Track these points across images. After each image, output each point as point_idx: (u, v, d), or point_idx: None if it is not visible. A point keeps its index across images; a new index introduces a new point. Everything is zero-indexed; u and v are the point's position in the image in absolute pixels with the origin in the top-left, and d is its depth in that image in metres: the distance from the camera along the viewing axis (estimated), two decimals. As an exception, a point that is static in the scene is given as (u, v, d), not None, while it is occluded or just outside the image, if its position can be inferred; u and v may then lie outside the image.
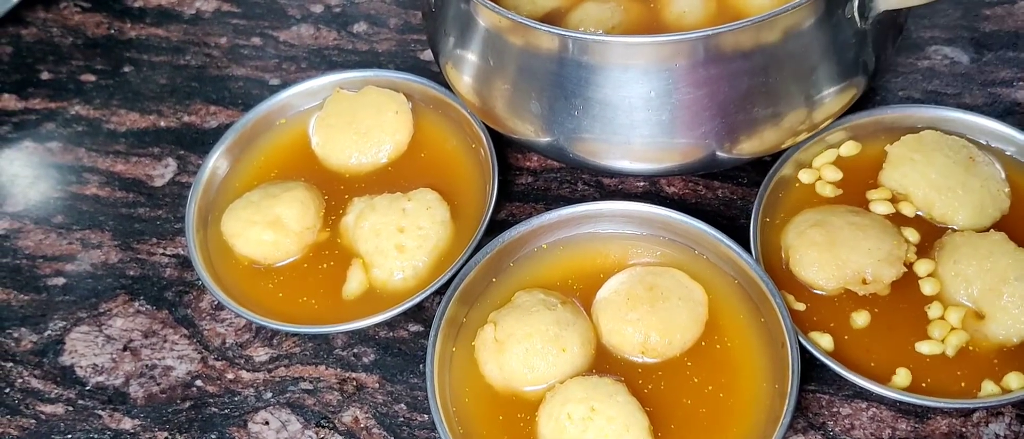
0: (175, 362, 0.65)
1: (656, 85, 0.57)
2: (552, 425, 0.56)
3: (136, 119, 0.78)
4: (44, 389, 0.65)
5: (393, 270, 0.64)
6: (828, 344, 0.58)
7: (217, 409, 0.63)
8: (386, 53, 0.79)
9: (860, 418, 0.58)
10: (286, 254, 0.66)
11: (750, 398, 0.57)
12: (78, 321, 0.68)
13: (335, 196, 0.69)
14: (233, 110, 0.77)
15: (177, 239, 0.71)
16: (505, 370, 0.59)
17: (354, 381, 0.63)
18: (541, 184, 0.70)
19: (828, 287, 0.60)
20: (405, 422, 0.61)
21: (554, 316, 0.59)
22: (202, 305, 0.67)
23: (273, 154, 0.72)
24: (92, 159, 0.76)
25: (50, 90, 0.81)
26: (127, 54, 0.82)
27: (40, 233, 0.73)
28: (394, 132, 0.70)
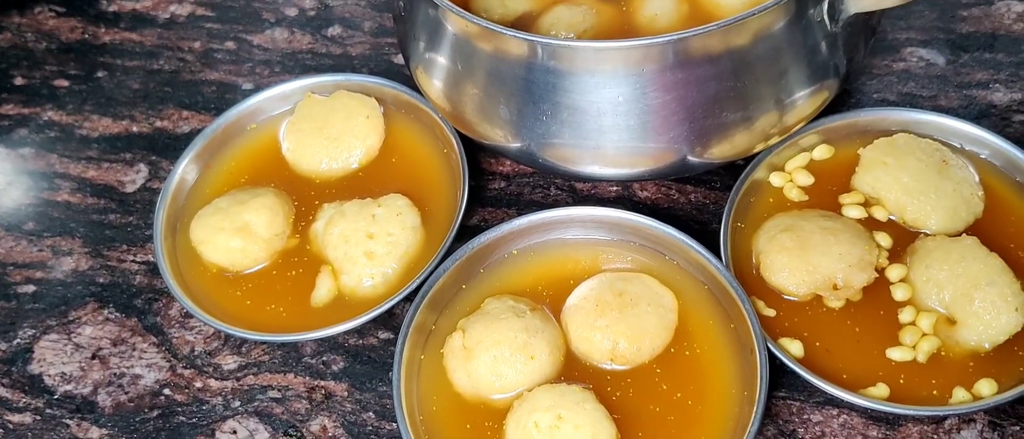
0: (144, 370, 0.65)
1: (625, 90, 0.56)
2: (519, 433, 0.55)
3: (109, 125, 0.78)
4: (12, 398, 0.65)
5: (362, 277, 0.63)
6: (798, 350, 0.57)
7: (185, 418, 0.62)
8: (360, 57, 0.79)
9: (831, 425, 0.57)
10: (255, 261, 0.65)
11: (719, 405, 0.56)
12: (47, 329, 0.67)
13: (305, 202, 0.68)
14: (205, 115, 0.77)
15: (147, 246, 0.70)
16: (473, 378, 0.58)
17: (323, 389, 0.62)
18: (513, 189, 0.70)
19: (799, 292, 0.59)
20: (373, 431, 0.60)
21: (523, 323, 0.58)
22: (171, 313, 0.67)
23: (243, 159, 0.71)
24: (64, 165, 0.76)
25: (23, 96, 0.81)
26: (101, 59, 0.82)
27: (11, 240, 0.72)
28: (365, 137, 0.69)
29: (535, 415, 0.55)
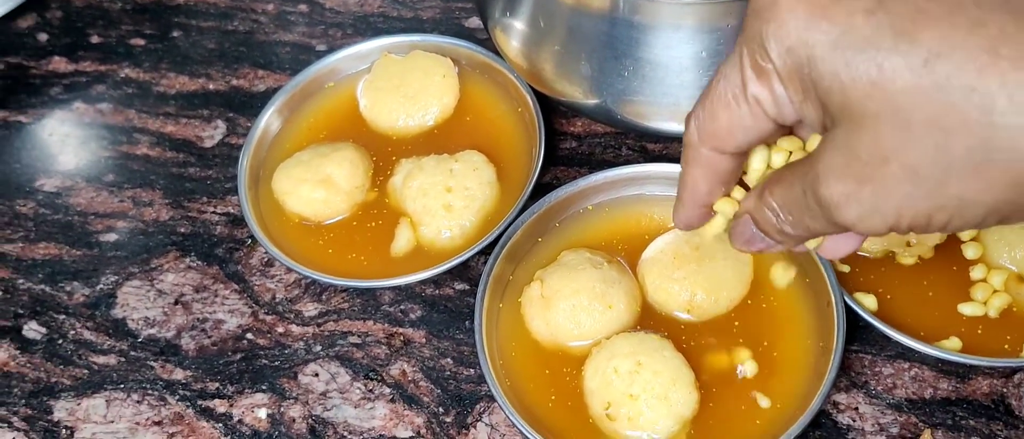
0: (226, 316, 0.66)
1: (708, 45, 0.58)
2: (598, 378, 0.57)
3: (185, 82, 0.80)
4: (96, 341, 0.67)
5: (441, 229, 0.65)
6: (872, 304, 0.59)
7: (268, 361, 0.64)
8: (430, 20, 0.80)
9: (902, 378, 0.59)
10: (336, 212, 0.67)
11: (794, 356, 0.58)
12: (130, 276, 0.69)
13: (382, 157, 0.70)
14: (280, 74, 0.79)
15: (227, 198, 0.72)
16: (552, 325, 0.60)
17: (401, 336, 0.64)
18: (585, 148, 0.71)
19: (872, 249, 0.60)
20: (452, 376, 0.62)
21: (600, 274, 0.60)
22: (252, 262, 0.69)
23: (322, 116, 0.73)
24: (142, 120, 0.78)
25: (100, 53, 0.83)
26: (175, 19, 0.84)
27: (91, 191, 0.74)
28: (441, 96, 0.71)
29: (614, 361, 0.57)
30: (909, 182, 0.34)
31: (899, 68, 0.33)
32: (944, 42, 0.32)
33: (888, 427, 0.57)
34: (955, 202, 0.34)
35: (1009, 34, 0.32)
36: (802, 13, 0.35)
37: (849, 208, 0.36)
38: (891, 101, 0.33)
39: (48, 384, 0.65)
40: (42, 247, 0.71)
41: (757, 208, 0.42)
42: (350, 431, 0.61)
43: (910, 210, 0.35)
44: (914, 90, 0.32)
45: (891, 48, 0.33)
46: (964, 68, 0.32)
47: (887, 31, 0.33)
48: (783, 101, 0.37)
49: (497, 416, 0.60)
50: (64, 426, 0.63)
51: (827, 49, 0.34)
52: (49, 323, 0.68)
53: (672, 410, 0.55)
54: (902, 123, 0.33)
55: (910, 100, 0.33)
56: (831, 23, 0.34)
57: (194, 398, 0.63)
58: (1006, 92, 0.31)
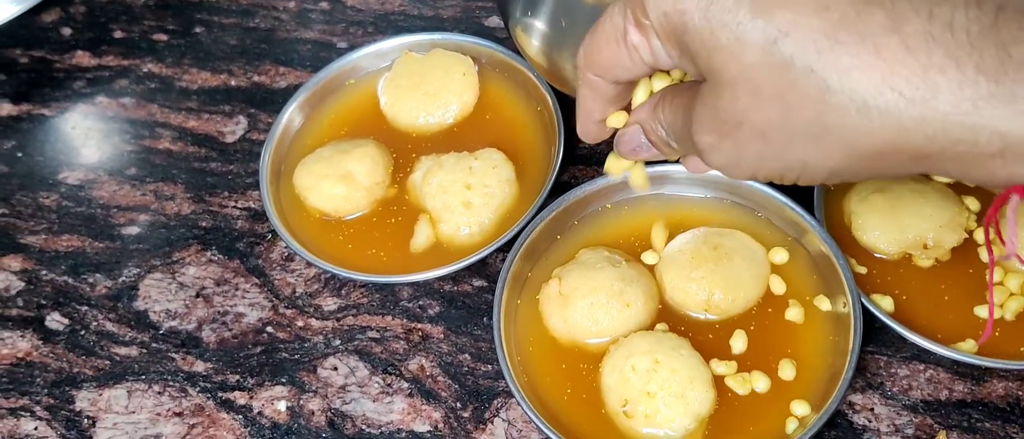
0: (246, 309, 0.67)
1: (728, 47, 0.58)
2: (616, 375, 0.57)
3: (207, 78, 0.80)
4: (118, 332, 0.67)
5: (460, 226, 0.65)
6: (889, 306, 0.59)
7: (287, 354, 0.65)
8: (451, 19, 0.81)
9: (918, 379, 0.59)
10: (356, 208, 0.68)
11: (811, 357, 0.58)
12: (152, 269, 0.70)
13: (403, 154, 0.70)
14: (302, 71, 0.79)
15: (248, 193, 0.73)
16: (569, 323, 0.60)
17: (420, 331, 0.65)
18: (603, 147, 0.72)
19: (890, 252, 0.61)
20: (470, 371, 0.63)
21: (619, 272, 0.61)
22: (272, 256, 0.69)
23: (343, 113, 0.73)
24: (165, 115, 0.79)
25: (123, 48, 0.83)
26: (197, 16, 0.85)
27: (114, 184, 0.75)
28: (461, 94, 0.72)
29: (632, 359, 0.57)
30: (760, 143, 0.38)
31: (753, 43, 0.36)
32: (792, 23, 0.35)
33: (903, 428, 0.58)
34: (800, 164, 0.38)
35: (849, 21, 0.34)
36: None
37: (714, 155, 0.40)
38: (745, 71, 0.36)
39: (70, 374, 0.66)
40: (65, 239, 0.72)
41: (648, 121, 0.45)
42: (368, 424, 0.61)
43: (763, 166, 0.39)
44: (764, 65, 0.36)
45: (748, 23, 0.36)
46: (806, 49, 0.35)
47: (746, 7, 0.36)
48: (660, 53, 0.41)
49: (514, 412, 0.61)
50: (86, 416, 0.64)
51: (696, 17, 0.37)
52: (72, 314, 0.68)
53: (689, 408, 0.56)
54: (754, 92, 0.36)
55: (760, 73, 0.36)
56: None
57: (215, 390, 0.64)
58: (837, 75, 0.34)
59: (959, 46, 0.33)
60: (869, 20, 0.34)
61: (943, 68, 0.33)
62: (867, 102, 0.34)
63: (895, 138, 0.35)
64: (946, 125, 0.33)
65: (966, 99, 0.33)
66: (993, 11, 0.33)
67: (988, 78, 0.33)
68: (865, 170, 0.37)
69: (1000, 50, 0.33)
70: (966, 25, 0.33)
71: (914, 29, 0.34)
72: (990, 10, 0.33)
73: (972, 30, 0.33)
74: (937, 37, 0.33)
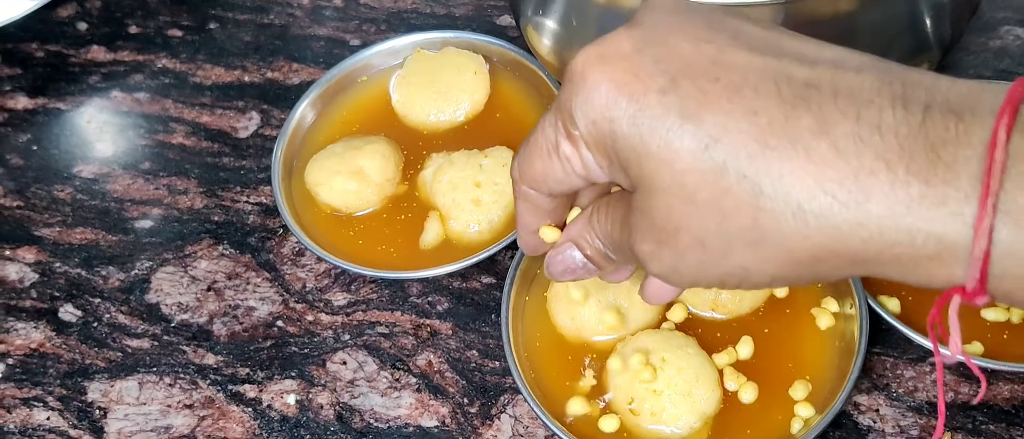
0: (257, 303, 0.68)
1: (737, 48, 0.58)
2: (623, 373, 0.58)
3: (221, 73, 0.81)
4: (130, 324, 0.68)
5: (469, 223, 0.66)
6: (895, 307, 0.59)
7: (297, 348, 0.65)
8: (463, 17, 0.81)
9: (923, 381, 0.59)
10: (367, 204, 0.68)
11: (817, 357, 0.58)
12: (164, 262, 0.71)
13: (413, 151, 0.71)
14: (315, 68, 0.80)
15: (260, 188, 0.74)
16: (577, 320, 0.61)
17: (428, 327, 0.65)
18: (613, 147, 0.72)
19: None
20: (477, 367, 0.63)
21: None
22: (284, 251, 0.70)
23: (355, 110, 0.74)
24: (178, 110, 0.79)
25: (138, 43, 0.84)
26: (212, 12, 0.85)
27: (128, 178, 0.76)
28: (472, 92, 0.72)
29: (639, 356, 0.58)
30: (698, 250, 0.37)
31: (684, 149, 0.35)
32: (722, 128, 0.34)
33: (909, 429, 0.58)
34: (740, 270, 0.37)
35: (777, 125, 0.34)
36: (605, 89, 0.37)
37: (654, 264, 0.39)
38: (677, 178, 0.36)
39: (82, 366, 0.66)
40: (79, 232, 0.73)
41: (583, 235, 0.45)
42: (376, 419, 0.62)
43: (703, 274, 0.38)
44: (696, 171, 0.35)
45: (678, 129, 0.35)
46: (738, 155, 0.34)
47: (675, 113, 0.35)
48: (591, 165, 0.40)
49: (521, 408, 0.61)
50: (98, 407, 0.64)
51: (625, 125, 0.36)
52: (84, 306, 0.69)
53: (695, 407, 0.56)
54: (688, 199, 0.36)
55: (693, 179, 0.35)
56: (629, 100, 0.36)
57: (225, 383, 0.64)
58: (770, 180, 0.34)
59: (888, 148, 0.33)
60: (797, 124, 0.34)
61: (874, 171, 0.33)
62: (802, 206, 0.34)
63: (832, 243, 0.34)
64: (881, 228, 0.33)
65: (899, 201, 0.33)
66: (920, 111, 0.33)
67: (919, 179, 0.32)
68: (806, 275, 0.36)
69: (929, 152, 0.32)
70: (894, 126, 0.33)
71: (843, 131, 0.33)
72: (917, 111, 0.33)
73: (900, 131, 0.33)
74: (866, 139, 0.33)
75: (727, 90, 0.35)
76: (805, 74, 0.35)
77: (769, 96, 0.34)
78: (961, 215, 0.32)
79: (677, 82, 0.36)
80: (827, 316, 0.59)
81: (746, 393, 0.57)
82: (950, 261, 0.33)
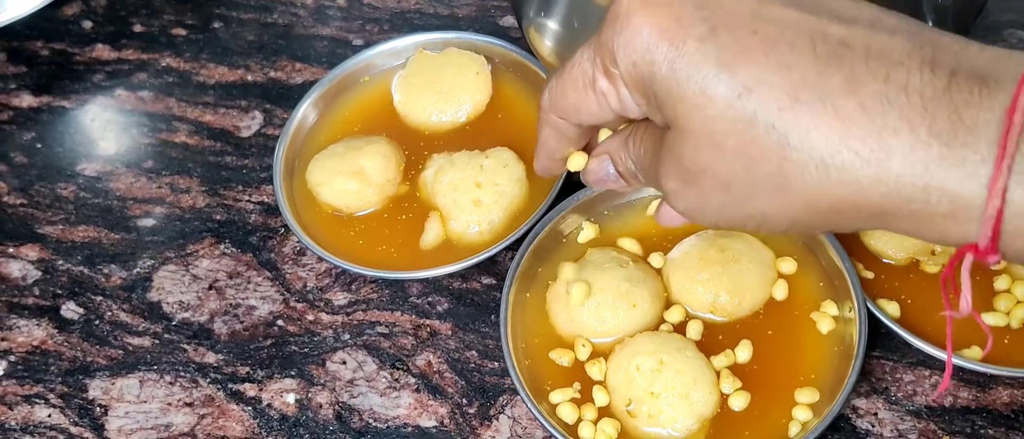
0: (258, 302, 0.68)
1: (737, 50, 0.58)
2: (620, 375, 0.58)
3: (224, 73, 0.81)
4: (132, 322, 0.68)
5: (470, 223, 0.66)
6: (895, 311, 0.59)
7: (297, 347, 0.65)
8: (466, 18, 0.81)
9: (922, 385, 0.59)
10: (367, 204, 0.68)
11: (816, 360, 0.58)
12: (166, 260, 0.71)
13: (415, 152, 0.71)
14: (318, 67, 0.80)
15: (262, 187, 0.74)
16: (575, 322, 0.61)
17: (428, 327, 0.65)
18: (615, 149, 0.72)
19: (897, 257, 0.61)
20: (476, 368, 0.63)
21: (625, 273, 0.61)
22: (285, 250, 0.70)
23: (357, 110, 0.74)
24: (182, 109, 0.80)
25: (142, 42, 0.84)
26: (216, 11, 0.86)
27: (131, 176, 0.76)
28: (474, 92, 0.72)
29: (637, 359, 0.58)
30: (722, 192, 0.39)
31: (717, 97, 0.36)
32: (756, 80, 0.36)
33: (907, 433, 0.58)
34: (760, 214, 0.39)
35: (809, 81, 0.35)
36: (648, 32, 0.38)
37: (678, 201, 0.41)
38: (708, 124, 0.37)
39: (84, 363, 0.67)
40: (82, 230, 0.73)
41: (618, 151, 0.46)
42: (375, 418, 0.62)
43: (725, 214, 0.40)
44: (727, 118, 0.36)
45: (713, 77, 0.36)
46: (768, 106, 0.36)
47: (712, 61, 0.36)
48: (627, 101, 0.41)
49: (519, 409, 0.61)
50: (98, 404, 0.65)
51: (664, 68, 0.37)
52: (86, 304, 0.69)
53: (693, 409, 0.56)
54: (716, 144, 0.37)
55: (723, 126, 0.37)
56: (670, 45, 0.37)
57: (225, 381, 0.65)
58: (797, 133, 0.35)
59: (913, 109, 0.34)
60: (828, 81, 0.35)
61: (897, 130, 0.34)
62: (825, 160, 0.35)
63: (852, 195, 0.35)
64: (899, 185, 0.34)
65: (919, 161, 0.34)
66: (946, 76, 0.34)
67: (940, 141, 0.34)
68: (824, 223, 0.38)
69: (952, 114, 0.34)
70: (920, 88, 0.34)
71: (870, 91, 0.35)
72: (943, 74, 0.34)
73: (925, 93, 0.34)
74: (892, 100, 0.34)
75: (764, 43, 0.36)
76: (841, 32, 0.36)
77: (804, 52, 0.36)
78: (977, 176, 0.33)
79: (716, 31, 0.37)
80: (827, 320, 0.59)
81: (737, 400, 0.57)
82: (965, 219, 0.34)
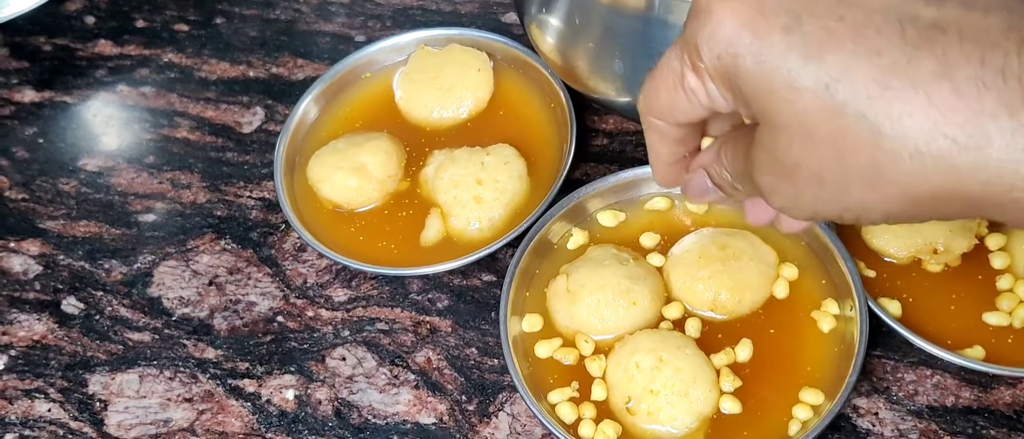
0: (258, 298, 0.68)
1: (739, 47, 0.58)
2: (620, 372, 0.58)
3: (226, 68, 0.81)
4: (132, 317, 0.68)
5: (470, 220, 0.66)
6: (896, 310, 0.59)
7: (297, 344, 0.65)
8: (468, 15, 0.81)
9: (924, 384, 0.59)
10: (368, 200, 0.68)
11: (817, 358, 0.58)
12: (166, 256, 0.71)
13: (416, 148, 0.71)
14: (320, 64, 0.80)
15: (263, 183, 0.74)
16: (576, 319, 0.60)
17: (428, 324, 0.65)
18: (616, 146, 0.72)
19: (899, 255, 0.61)
20: (475, 365, 0.63)
21: (626, 270, 0.61)
22: (285, 246, 0.70)
23: (358, 106, 0.74)
24: (183, 105, 0.79)
25: (144, 38, 0.84)
26: (219, 6, 0.85)
27: (132, 172, 0.76)
28: (476, 89, 0.72)
29: (636, 357, 0.57)
30: (816, 185, 0.38)
31: (805, 88, 0.35)
32: (844, 68, 0.35)
33: (908, 433, 0.57)
34: (858, 206, 0.38)
35: (899, 67, 0.34)
36: (731, 24, 0.37)
37: (774, 197, 0.40)
38: (798, 116, 0.36)
39: (84, 358, 0.67)
40: (83, 225, 0.73)
41: (712, 165, 0.45)
42: (374, 415, 0.62)
43: (821, 208, 0.39)
44: (816, 109, 0.35)
45: (800, 68, 0.35)
46: (858, 95, 0.35)
47: (798, 51, 0.36)
48: (715, 96, 0.40)
49: (518, 406, 0.61)
50: (98, 399, 0.65)
51: (748, 61, 0.37)
52: (87, 299, 0.69)
53: (692, 407, 0.56)
54: (807, 136, 0.36)
55: (813, 117, 0.36)
56: (754, 37, 0.37)
57: (224, 377, 0.65)
58: (889, 121, 0.34)
59: (1011, 92, 0.33)
60: (920, 66, 0.34)
61: (995, 115, 0.33)
62: (920, 148, 0.34)
63: (951, 184, 0.34)
64: (1000, 172, 0.33)
65: (1019, 147, 0.33)
66: None
67: None
68: (924, 214, 0.37)
69: None
70: (1018, 72, 0.33)
71: (965, 75, 0.33)
72: None
73: None
74: (989, 83, 0.33)
75: (850, 30, 0.35)
76: (932, 14, 0.35)
77: (892, 37, 0.35)
78: None
79: (801, 19, 0.36)
80: (828, 318, 0.59)
81: (736, 399, 0.57)
82: None
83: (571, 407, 0.58)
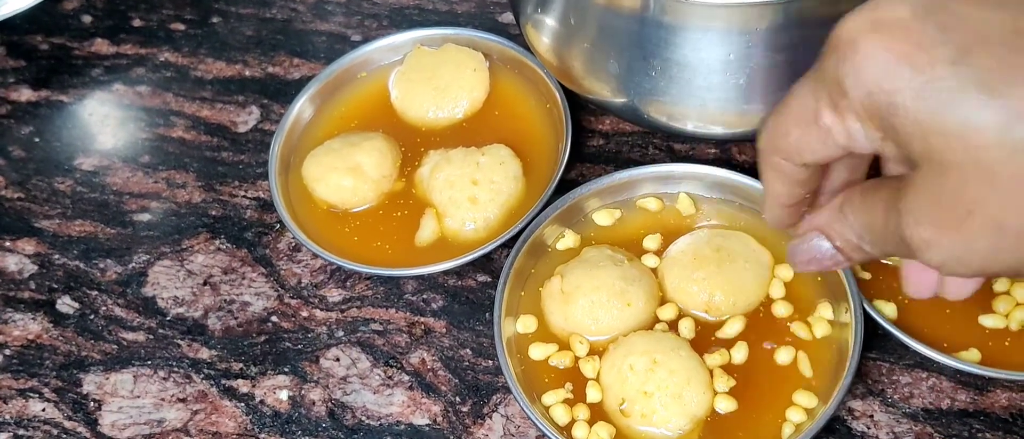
0: (252, 298, 0.68)
1: (736, 48, 0.58)
2: (614, 374, 0.57)
3: (222, 68, 0.81)
4: (127, 317, 0.68)
5: (465, 221, 0.66)
6: (892, 312, 0.58)
7: (291, 344, 0.65)
8: (465, 14, 0.81)
9: (920, 387, 0.59)
10: (363, 201, 0.68)
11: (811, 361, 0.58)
12: (161, 255, 0.71)
13: (411, 148, 0.71)
14: (316, 63, 0.80)
15: (258, 183, 0.74)
16: (570, 320, 0.60)
17: (422, 325, 0.65)
18: (612, 147, 0.72)
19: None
20: (470, 366, 0.63)
21: (620, 271, 0.60)
22: (280, 246, 0.70)
23: (354, 105, 0.74)
24: (179, 104, 0.79)
25: (140, 37, 0.84)
26: (215, 6, 0.85)
27: (127, 171, 0.76)
28: (471, 89, 0.72)
29: (630, 358, 0.57)
30: (994, 235, 0.34)
31: (985, 125, 0.32)
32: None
33: (903, 436, 0.57)
34: None
35: None
36: (883, 58, 0.34)
37: (931, 253, 0.36)
38: (975, 155, 0.33)
39: (78, 358, 0.66)
40: (78, 224, 0.73)
41: (832, 225, 0.42)
42: (368, 416, 0.62)
43: (996, 260, 0.35)
44: (999, 147, 0.32)
45: (976, 103, 0.32)
46: None
47: (972, 85, 0.33)
48: (858, 136, 0.37)
49: (512, 407, 0.61)
50: (92, 399, 0.65)
51: (908, 97, 0.34)
52: (82, 298, 0.69)
53: (686, 409, 0.56)
54: (987, 177, 0.33)
55: (995, 156, 0.32)
56: (914, 71, 0.34)
57: (218, 377, 0.64)
58: None
59: None
60: None
61: None
62: None
63: None
64: None
65: None
66: None
67: None
68: None
69: None
70: None
71: None
72: None
73: None
74: None
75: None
76: None
77: None
78: None
79: (970, 51, 0.33)
80: (823, 321, 0.59)
81: (730, 400, 0.56)
82: None
83: (565, 409, 0.58)
